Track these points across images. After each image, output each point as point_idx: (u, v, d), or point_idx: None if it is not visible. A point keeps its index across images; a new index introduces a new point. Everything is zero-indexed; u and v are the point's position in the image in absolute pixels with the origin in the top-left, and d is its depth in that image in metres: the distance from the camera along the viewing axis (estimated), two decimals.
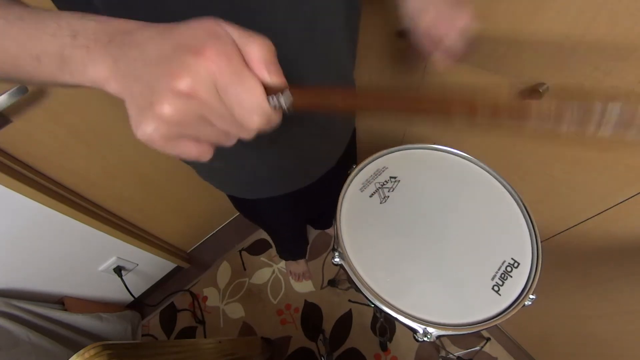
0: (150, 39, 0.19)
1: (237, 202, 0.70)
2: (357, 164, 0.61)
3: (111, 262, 1.09)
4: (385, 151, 0.62)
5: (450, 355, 1.14)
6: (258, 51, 0.19)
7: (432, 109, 0.22)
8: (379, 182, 0.58)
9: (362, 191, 0.57)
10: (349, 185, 0.58)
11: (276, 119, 0.21)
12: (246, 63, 0.19)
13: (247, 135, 0.21)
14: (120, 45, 0.19)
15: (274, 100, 0.20)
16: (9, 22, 0.22)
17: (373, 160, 0.62)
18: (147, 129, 0.19)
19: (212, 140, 0.21)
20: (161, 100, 0.18)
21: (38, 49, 0.21)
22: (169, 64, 0.18)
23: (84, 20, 0.21)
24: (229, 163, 0.52)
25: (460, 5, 0.41)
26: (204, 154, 0.22)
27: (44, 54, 0.21)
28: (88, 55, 0.20)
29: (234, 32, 0.20)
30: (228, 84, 0.19)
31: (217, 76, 0.18)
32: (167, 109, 0.18)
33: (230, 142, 0.22)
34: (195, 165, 0.58)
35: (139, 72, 0.19)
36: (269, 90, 0.20)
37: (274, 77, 0.20)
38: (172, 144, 0.20)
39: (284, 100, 0.20)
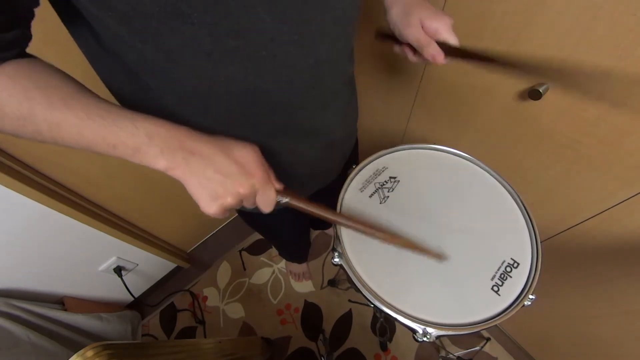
0: (216, 155, 0.32)
1: (239, 211, 0.70)
2: (357, 164, 0.61)
3: (111, 262, 1.09)
4: (385, 151, 0.62)
5: (450, 355, 1.14)
6: (274, 176, 0.37)
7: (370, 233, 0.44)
8: (379, 182, 0.58)
9: (361, 191, 0.57)
10: (348, 185, 0.58)
11: (275, 207, 0.37)
12: (270, 179, 0.36)
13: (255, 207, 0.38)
14: (190, 153, 0.32)
15: (279, 199, 0.38)
16: (90, 117, 0.30)
17: (373, 160, 0.62)
18: (216, 209, 0.33)
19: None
20: (229, 196, 0.33)
21: (116, 141, 0.30)
22: (238, 178, 0.33)
23: (157, 127, 0.31)
24: None
25: (439, 11, 0.45)
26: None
27: (121, 144, 0.30)
28: (161, 154, 0.31)
29: (265, 163, 0.36)
30: (262, 191, 0.35)
31: (258, 187, 0.35)
32: (230, 201, 0.33)
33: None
34: None
35: (210, 175, 0.32)
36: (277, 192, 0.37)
37: (280, 188, 0.38)
38: (221, 215, 0.35)
39: (283, 201, 0.38)
